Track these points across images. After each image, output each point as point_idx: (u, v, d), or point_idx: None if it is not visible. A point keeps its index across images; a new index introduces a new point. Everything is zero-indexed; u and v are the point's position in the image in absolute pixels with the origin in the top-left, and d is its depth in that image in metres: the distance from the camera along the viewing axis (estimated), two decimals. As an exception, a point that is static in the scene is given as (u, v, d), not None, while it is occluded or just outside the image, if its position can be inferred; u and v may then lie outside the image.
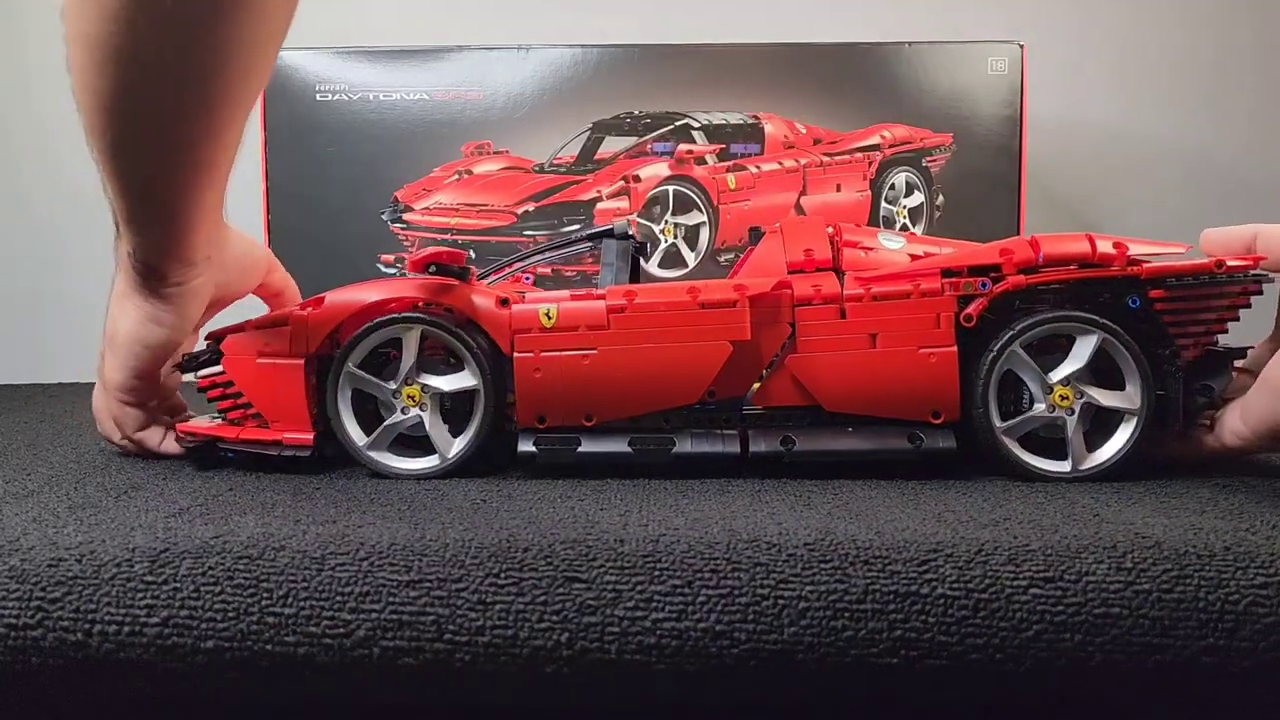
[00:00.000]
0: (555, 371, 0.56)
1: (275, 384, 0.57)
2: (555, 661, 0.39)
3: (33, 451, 0.66)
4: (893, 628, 0.40)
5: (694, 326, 0.56)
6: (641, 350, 0.56)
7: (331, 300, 0.57)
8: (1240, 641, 0.40)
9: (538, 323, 0.56)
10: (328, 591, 0.40)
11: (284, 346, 0.57)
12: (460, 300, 0.57)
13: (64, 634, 0.40)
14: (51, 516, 0.47)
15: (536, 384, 0.56)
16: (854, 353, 0.55)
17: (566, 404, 0.56)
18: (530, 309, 0.56)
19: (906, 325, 0.55)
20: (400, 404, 0.57)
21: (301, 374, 0.57)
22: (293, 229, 0.89)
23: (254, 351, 0.57)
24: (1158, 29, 1.13)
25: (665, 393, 0.56)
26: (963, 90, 0.90)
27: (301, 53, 0.89)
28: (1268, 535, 0.44)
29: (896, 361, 0.55)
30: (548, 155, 0.89)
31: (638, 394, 0.56)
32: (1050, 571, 0.41)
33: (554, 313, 0.56)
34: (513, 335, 0.56)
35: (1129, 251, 0.55)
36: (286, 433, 0.57)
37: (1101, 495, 0.51)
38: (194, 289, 0.58)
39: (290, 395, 0.57)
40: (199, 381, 0.60)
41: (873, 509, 0.48)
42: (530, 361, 0.56)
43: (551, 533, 0.43)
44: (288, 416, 0.57)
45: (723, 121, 0.90)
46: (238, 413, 0.59)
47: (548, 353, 0.56)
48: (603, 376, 0.56)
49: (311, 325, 0.57)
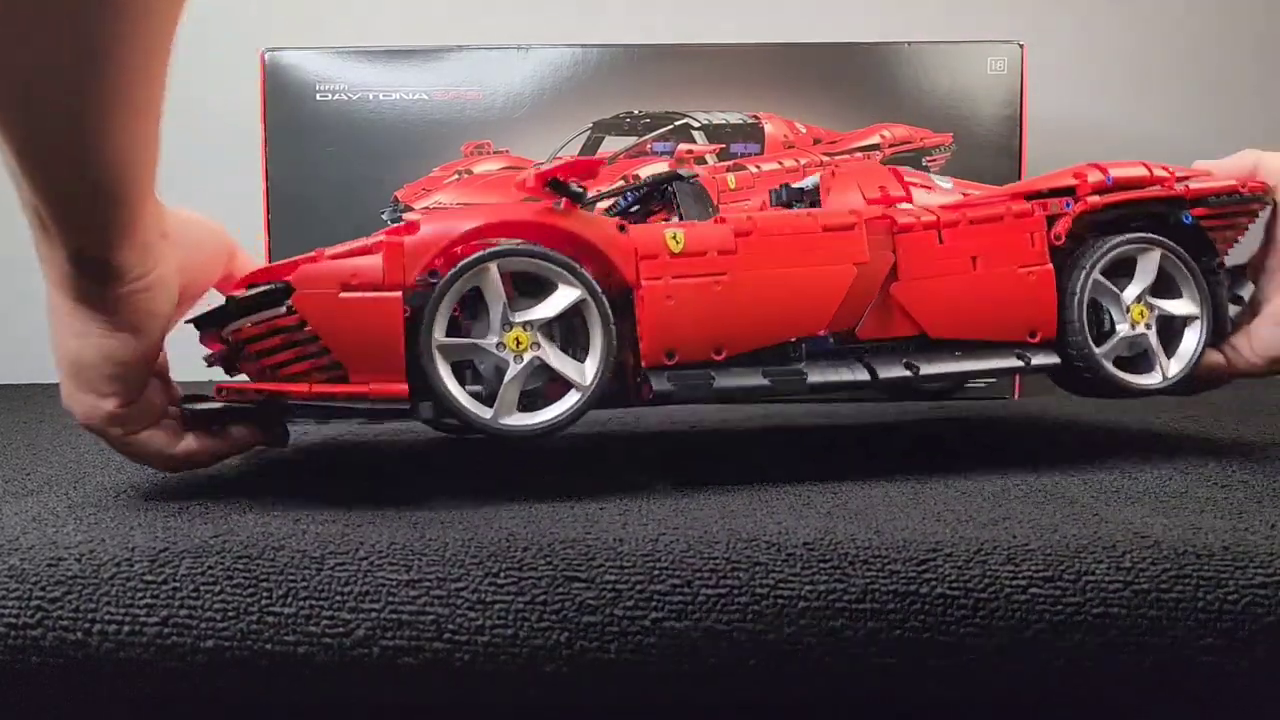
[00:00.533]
0: (687, 299, 0.51)
1: (364, 322, 0.47)
2: (555, 661, 0.39)
3: (32, 451, 0.66)
4: (892, 627, 0.40)
5: (818, 250, 0.54)
6: (771, 274, 0.53)
7: (431, 225, 0.49)
8: (1239, 641, 0.40)
9: (665, 247, 0.51)
10: (327, 591, 0.40)
11: (376, 277, 0.47)
12: (576, 225, 0.51)
13: (63, 633, 0.40)
14: (51, 516, 0.47)
15: (668, 313, 0.51)
16: (957, 276, 0.56)
17: (698, 335, 0.52)
18: (654, 232, 0.52)
19: (1004, 246, 0.56)
20: (509, 354, 0.49)
21: (399, 310, 0.47)
22: (293, 229, 0.89)
23: (336, 284, 0.47)
24: (1158, 29, 1.13)
25: (793, 320, 0.53)
26: (962, 90, 0.90)
27: (301, 53, 0.89)
28: (1266, 535, 0.44)
29: (998, 282, 0.56)
30: (547, 155, 0.89)
31: (768, 322, 0.53)
32: (1049, 571, 0.41)
33: (681, 236, 0.52)
34: (638, 261, 0.51)
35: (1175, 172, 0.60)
36: (374, 383, 0.47)
37: (1101, 495, 0.51)
38: (160, 278, 0.47)
39: (383, 336, 0.47)
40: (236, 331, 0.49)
41: (872, 509, 0.48)
42: (660, 288, 0.51)
43: (551, 532, 0.43)
44: (377, 364, 0.47)
45: (723, 121, 0.90)
46: (303, 364, 0.48)
47: (678, 279, 0.51)
48: (735, 303, 0.52)
49: (409, 253, 0.48)
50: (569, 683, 0.40)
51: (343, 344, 0.47)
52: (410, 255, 0.48)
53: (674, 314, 0.51)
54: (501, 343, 0.49)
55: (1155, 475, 0.56)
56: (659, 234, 0.52)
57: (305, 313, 0.47)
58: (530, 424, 0.49)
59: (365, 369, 0.47)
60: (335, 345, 0.47)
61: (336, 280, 0.47)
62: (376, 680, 0.40)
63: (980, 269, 0.56)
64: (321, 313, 0.47)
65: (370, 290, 0.47)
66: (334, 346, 0.47)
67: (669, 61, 0.90)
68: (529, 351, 0.49)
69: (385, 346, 0.47)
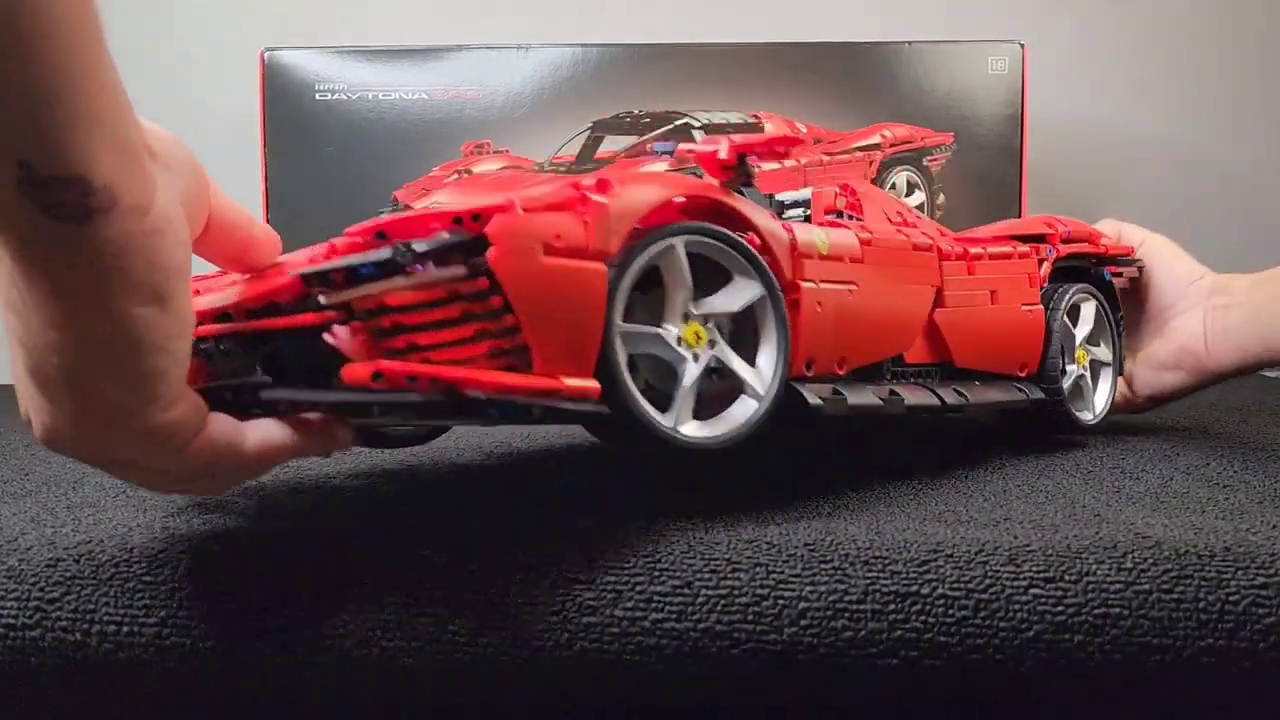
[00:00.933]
0: (831, 305, 0.47)
1: (567, 296, 0.37)
2: (555, 661, 0.39)
3: (30, 451, 0.66)
4: (893, 628, 0.40)
5: (912, 267, 0.53)
6: (884, 288, 0.51)
7: (626, 186, 0.40)
8: (1241, 642, 0.40)
9: (816, 247, 0.47)
10: (326, 591, 0.40)
11: (580, 241, 0.38)
12: (749, 210, 0.45)
13: (62, 634, 0.40)
14: (50, 516, 0.47)
15: (816, 319, 0.47)
16: (983, 309, 0.57)
17: (833, 345, 0.48)
18: (808, 229, 0.48)
19: (1013, 284, 0.58)
20: (686, 351, 0.42)
21: (604, 285, 0.39)
22: (292, 228, 0.89)
23: (538, 243, 0.36)
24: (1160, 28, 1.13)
25: (894, 338, 0.52)
26: (963, 90, 0.90)
27: (301, 52, 0.89)
28: (1268, 535, 0.44)
29: (1009, 317, 0.58)
30: (547, 155, 0.89)
31: (879, 338, 0.51)
32: (1050, 572, 0.41)
33: (827, 237, 0.48)
34: (796, 259, 0.46)
35: None
36: (567, 377, 0.37)
37: (1102, 495, 0.51)
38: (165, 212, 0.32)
39: (586, 317, 0.38)
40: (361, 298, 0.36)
41: (873, 509, 0.48)
42: (814, 293, 0.46)
43: (553, 533, 0.43)
44: (571, 351, 0.38)
45: (723, 121, 0.90)
46: (479, 345, 0.37)
47: (826, 283, 0.47)
48: (861, 314, 0.49)
49: (614, 217, 0.39)
50: (569, 683, 0.40)
51: (539, 322, 0.36)
52: (615, 220, 0.39)
53: (821, 321, 0.47)
54: (681, 336, 0.42)
55: (1156, 476, 0.55)
56: (812, 231, 0.48)
57: (502, 276, 0.35)
58: (712, 436, 0.42)
59: (557, 357, 0.37)
60: (530, 323, 0.36)
61: (539, 239, 0.36)
62: (376, 681, 0.40)
63: (997, 302, 0.57)
64: (522, 279, 0.36)
65: (574, 257, 0.37)
66: (528, 324, 0.36)
67: (669, 61, 0.90)
68: (705, 350, 0.43)
69: (586, 330, 0.38)
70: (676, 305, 0.42)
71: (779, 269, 0.45)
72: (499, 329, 0.36)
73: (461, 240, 0.35)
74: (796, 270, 0.46)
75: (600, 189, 0.39)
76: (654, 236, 0.41)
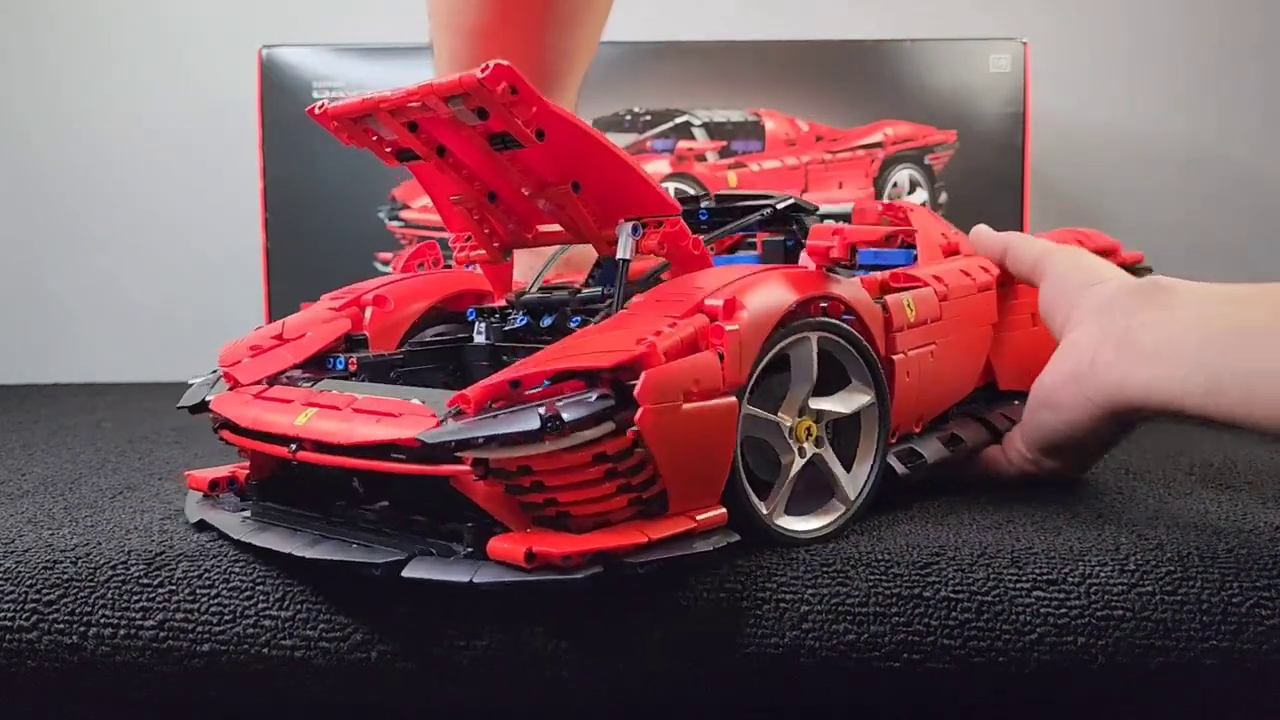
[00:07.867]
0: (916, 373, 0.47)
1: (703, 439, 0.38)
2: (555, 662, 0.39)
3: (28, 452, 0.65)
4: (895, 631, 0.39)
5: (978, 310, 0.53)
6: (956, 340, 0.50)
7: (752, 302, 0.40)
8: (1243, 643, 0.39)
9: (905, 317, 0.47)
10: (324, 594, 0.40)
11: (716, 380, 0.38)
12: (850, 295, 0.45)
13: (59, 636, 0.39)
14: (47, 518, 0.47)
15: (906, 392, 0.46)
16: (1024, 330, 0.56)
17: (915, 409, 0.48)
18: (897, 300, 0.47)
19: (1032, 307, 0.57)
20: (794, 444, 0.42)
21: (737, 416, 0.39)
22: (290, 226, 0.89)
23: (680, 393, 0.37)
24: (1162, 26, 1.12)
25: (964, 384, 0.52)
26: (966, 87, 0.89)
27: (299, 50, 0.89)
28: (1271, 537, 0.44)
29: (1039, 339, 0.56)
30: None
31: (952, 389, 0.51)
32: (1053, 574, 0.40)
33: (913, 304, 0.47)
34: (890, 335, 0.46)
35: None
36: (698, 513, 0.38)
37: (1104, 497, 0.51)
38: None
39: (719, 455, 0.38)
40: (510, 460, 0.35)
41: (874, 512, 0.47)
42: (904, 363, 0.46)
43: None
44: (703, 487, 0.39)
45: (724, 119, 0.90)
46: (619, 499, 0.37)
47: (914, 350, 0.47)
48: (939, 372, 0.49)
49: (745, 343, 0.39)
50: (569, 683, 0.39)
51: (678, 468, 0.37)
52: (747, 348, 0.39)
53: (909, 391, 0.47)
54: (793, 428, 0.42)
55: (1159, 477, 0.55)
56: (901, 303, 0.47)
57: (647, 433, 0.36)
58: (805, 530, 0.43)
59: (691, 494, 0.38)
60: (669, 471, 0.37)
61: (681, 389, 0.37)
62: (375, 683, 0.40)
63: (1038, 323, 0.55)
64: (665, 431, 0.36)
65: (711, 398, 0.38)
66: (667, 473, 0.37)
67: (669, 58, 0.90)
68: (810, 446, 0.43)
69: (717, 466, 0.38)
70: (798, 396, 0.42)
71: (875, 346, 0.45)
72: (640, 482, 0.37)
73: (610, 406, 0.35)
74: (889, 346, 0.46)
75: (729, 312, 0.39)
76: (790, 330, 0.41)
